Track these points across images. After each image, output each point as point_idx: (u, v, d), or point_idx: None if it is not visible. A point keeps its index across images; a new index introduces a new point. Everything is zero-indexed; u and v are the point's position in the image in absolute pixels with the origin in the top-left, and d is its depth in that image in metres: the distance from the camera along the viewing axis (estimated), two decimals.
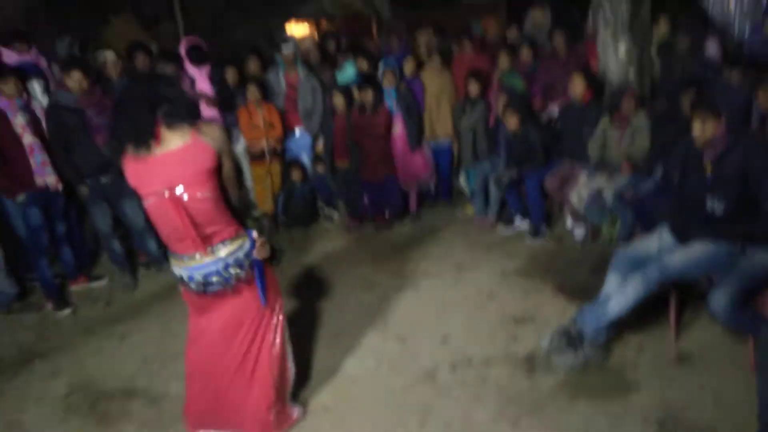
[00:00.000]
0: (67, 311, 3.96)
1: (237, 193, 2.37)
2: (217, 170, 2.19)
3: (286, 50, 5.10)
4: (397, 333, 3.34)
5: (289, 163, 5.20)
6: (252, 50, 5.36)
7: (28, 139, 3.74)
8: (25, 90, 3.83)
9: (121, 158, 2.18)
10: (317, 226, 5.27)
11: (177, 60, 4.56)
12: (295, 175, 5.15)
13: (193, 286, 2.29)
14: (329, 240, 4.96)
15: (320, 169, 5.28)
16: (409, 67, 5.18)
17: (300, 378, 2.93)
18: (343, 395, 2.83)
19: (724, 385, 2.58)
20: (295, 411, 2.63)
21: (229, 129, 4.91)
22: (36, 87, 4.03)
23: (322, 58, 5.50)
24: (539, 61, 5.14)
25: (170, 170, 2.12)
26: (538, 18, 6.11)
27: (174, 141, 2.12)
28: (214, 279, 2.25)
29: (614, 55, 4.57)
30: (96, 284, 4.31)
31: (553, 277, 3.79)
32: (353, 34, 7.49)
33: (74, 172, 3.90)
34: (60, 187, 3.91)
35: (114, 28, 8.14)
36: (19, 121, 3.70)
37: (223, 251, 2.23)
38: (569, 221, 4.47)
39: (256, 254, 2.30)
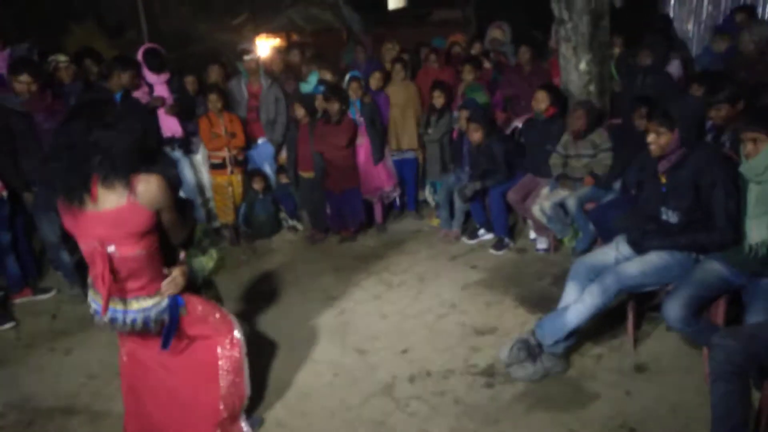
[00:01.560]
0: (8, 325, 3.74)
1: (183, 233, 2.25)
2: (155, 227, 2.09)
3: (249, 59, 5.03)
4: (356, 345, 3.25)
5: (251, 173, 5.10)
6: (213, 59, 5.27)
7: None
8: None
9: (55, 203, 2.09)
10: (280, 237, 5.17)
11: (135, 67, 4.44)
12: (257, 185, 5.04)
13: (96, 320, 2.20)
14: (291, 251, 4.86)
15: (283, 179, 5.19)
16: (375, 80, 5.17)
17: (255, 392, 2.83)
18: (298, 409, 2.72)
19: (681, 396, 2.57)
20: (245, 428, 2.50)
21: (189, 138, 4.80)
22: None
23: (285, 68, 5.45)
24: (501, 74, 5.20)
25: (103, 229, 2.02)
26: (496, 35, 6.27)
27: (109, 200, 1.99)
28: (118, 324, 2.17)
29: (575, 71, 4.64)
30: (42, 297, 4.10)
31: (515, 289, 3.77)
32: (322, 47, 7.48)
33: (20, 178, 3.72)
34: (4, 194, 3.73)
35: (75, 36, 7.95)
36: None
37: (135, 305, 2.15)
38: (532, 233, 4.48)
39: (164, 290, 2.17)
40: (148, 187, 2.01)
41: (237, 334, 2.41)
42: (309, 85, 5.35)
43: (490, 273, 4.07)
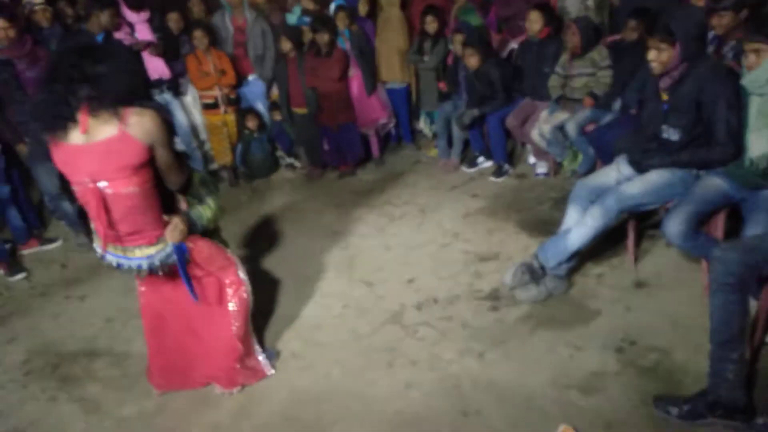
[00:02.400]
0: (20, 276, 3.81)
1: (180, 177, 2.19)
2: (149, 162, 2.01)
3: None
4: (362, 278, 3.33)
5: (244, 111, 5.00)
6: None
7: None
8: None
9: (44, 141, 2.00)
10: (278, 176, 5.15)
11: (114, 6, 4.23)
12: (251, 123, 4.96)
13: (105, 262, 2.22)
14: (291, 189, 4.87)
15: (277, 116, 5.11)
16: (362, 6, 4.96)
17: (268, 326, 2.93)
18: (311, 341, 2.83)
19: (680, 309, 2.67)
20: (262, 361, 2.60)
21: (177, 79, 4.67)
22: None
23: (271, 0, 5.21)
24: None
25: (94, 162, 1.94)
26: None
27: (99, 131, 1.92)
28: (124, 269, 2.21)
29: None
30: (48, 247, 4.14)
31: (516, 215, 3.81)
32: None
33: (10, 130, 3.65)
34: None
35: None
36: None
37: (138, 253, 2.16)
38: (531, 158, 4.47)
39: (168, 237, 2.16)
40: (141, 119, 1.94)
41: (241, 274, 2.46)
42: (294, 16, 5.14)
43: (491, 200, 4.10)
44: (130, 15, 4.34)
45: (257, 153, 5.04)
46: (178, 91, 4.71)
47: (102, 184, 1.98)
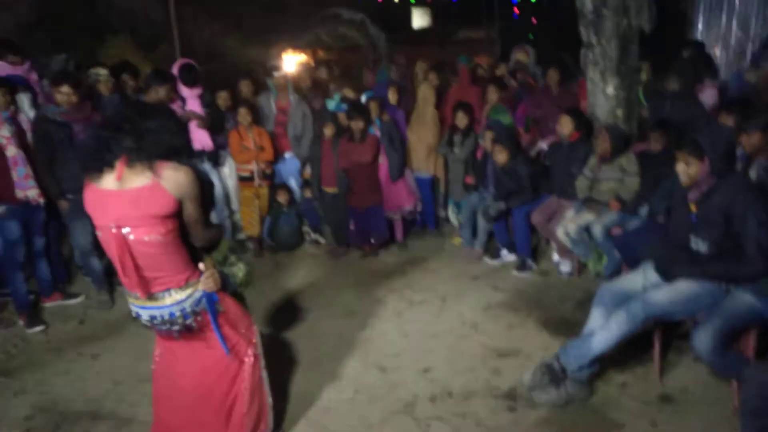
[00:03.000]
0: (38, 328, 3.84)
1: (205, 234, 2.21)
2: (176, 214, 2.07)
3: (278, 76, 5.14)
4: (377, 362, 3.26)
5: (276, 186, 5.18)
6: (245, 74, 5.39)
7: (11, 151, 3.69)
8: (13, 102, 3.79)
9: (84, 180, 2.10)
10: (302, 251, 5.22)
11: (171, 80, 4.55)
12: (282, 198, 5.12)
13: (142, 322, 2.22)
14: (314, 265, 4.90)
15: (308, 193, 5.26)
16: (392, 96, 5.24)
17: (278, 405, 2.85)
18: (320, 424, 2.74)
19: (708, 429, 2.53)
20: None
21: (218, 151, 4.90)
22: (24, 100, 4.00)
23: (313, 86, 5.55)
24: (526, 94, 5.24)
25: (121, 208, 2.01)
26: (521, 57, 6.34)
27: (132, 180, 2.01)
28: (158, 322, 2.17)
29: (603, 95, 4.65)
30: (70, 302, 4.19)
31: (537, 311, 3.75)
32: (348, 65, 7.60)
33: (55, 186, 3.84)
34: (41, 200, 3.84)
35: (111, 48, 8.20)
36: (3, 133, 3.66)
37: (168, 300, 2.14)
38: (555, 256, 4.46)
39: (202, 285, 2.18)
40: (176, 173, 2.02)
41: (258, 349, 2.43)
42: (333, 102, 5.45)
43: (513, 295, 4.06)
44: (183, 90, 4.65)
45: (285, 227, 5.15)
46: (217, 162, 4.93)
47: (125, 230, 2.02)
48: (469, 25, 14.45)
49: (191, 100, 4.71)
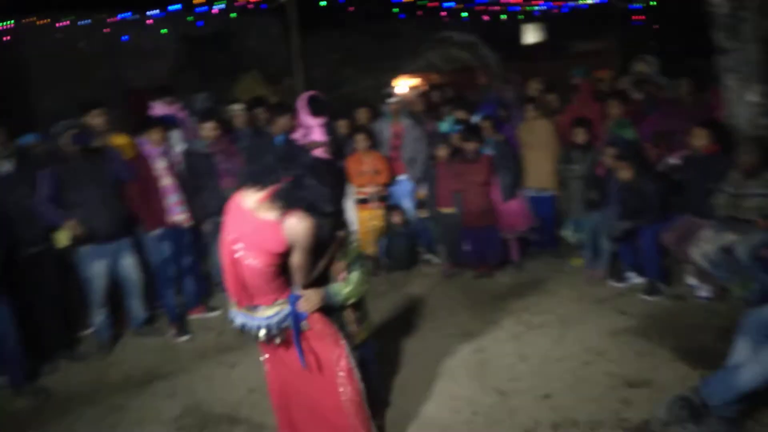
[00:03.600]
0: (185, 338, 4.29)
1: (305, 280, 2.38)
2: (283, 255, 2.27)
3: (392, 102, 5.34)
4: (495, 385, 3.21)
5: (391, 207, 5.35)
6: (362, 103, 5.67)
7: (166, 181, 4.21)
8: (166, 139, 4.34)
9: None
10: (417, 271, 5.31)
11: (290, 111, 4.91)
12: (397, 219, 5.27)
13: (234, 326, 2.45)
14: (428, 285, 4.96)
15: (422, 214, 5.36)
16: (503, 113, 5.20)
17: (391, 422, 2.92)
18: None
19: None
20: None
21: None
22: (175, 135, 4.56)
23: (426, 109, 5.69)
24: (654, 107, 4.92)
25: (244, 228, 2.26)
26: (641, 68, 5.97)
27: (265, 210, 2.25)
28: (246, 330, 2.40)
29: (742, 104, 4.25)
30: (211, 314, 4.64)
31: (671, 340, 3.47)
32: (460, 86, 7.66)
33: (201, 210, 4.30)
34: (190, 223, 4.33)
35: (242, 84, 9.04)
36: (159, 165, 4.20)
37: (259, 313, 2.36)
38: (691, 279, 4.10)
39: (299, 308, 2.37)
40: (298, 224, 2.20)
41: (351, 363, 2.48)
42: (446, 124, 5.53)
43: (642, 320, 3.79)
44: (309, 119, 5.01)
45: (400, 247, 5.28)
46: None
47: (238, 246, 2.27)
48: (584, 37, 13.87)
49: (316, 129, 5.04)
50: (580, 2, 13.28)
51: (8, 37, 8.42)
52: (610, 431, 2.70)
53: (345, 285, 2.58)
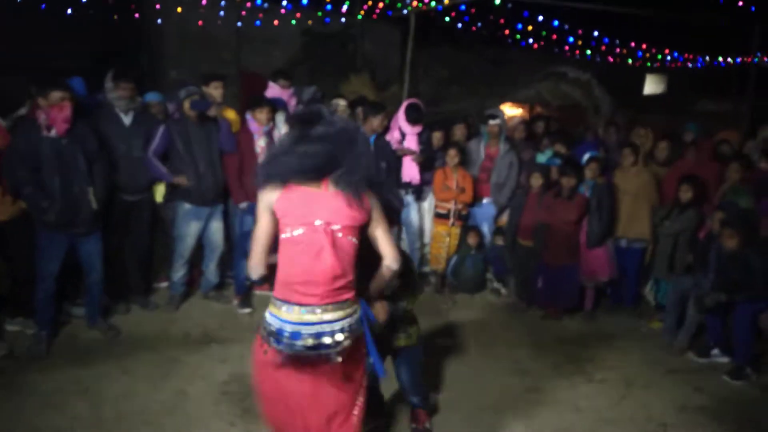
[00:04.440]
0: (247, 310, 4.46)
1: (394, 248, 2.25)
2: (364, 229, 2.17)
3: (492, 124, 5.26)
4: (540, 430, 3.04)
5: (468, 228, 5.26)
6: (461, 119, 5.64)
7: (262, 158, 4.41)
8: (272, 120, 4.56)
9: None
10: (482, 297, 5.17)
11: (382, 111, 4.92)
12: (472, 241, 5.16)
13: (290, 342, 2.08)
14: (491, 314, 4.81)
15: (499, 241, 5.22)
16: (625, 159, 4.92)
17: None
18: None
19: None
20: None
21: (422, 186, 5.18)
22: (280, 118, 4.76)
23: (526, 138, 5.56)
24: None
25: (332, 207, 2.10)
26: None
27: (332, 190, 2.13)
28: (326, 340, 2.07)
29: None
30: None
31: (751, 428, 3.12)
32: (566, 123, 7.42)
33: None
34: (244, 205, 4.45)
35: (351, 84, 9.32)
36: (260, 143, 4.41)
37: (341, 312, 2.10)
38: None
39: (376, 315, 2.27)
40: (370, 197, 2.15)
41: (362, 398, 2.33)
42: (544, 156, 5.36)
43: (719, 403, 3.44)
44: (406, 126, 5.05)
45: (470, 269, 5.17)
46: (420, 196, 5.21)
47: (335, 226, 2.09)
48: (711, 95, 12.95)
49: (410, 137, 5.07)
50: (717, 59, 12.37)
51: (151, 8, 9.26)
52: None
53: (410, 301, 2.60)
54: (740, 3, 8.07)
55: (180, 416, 3.03)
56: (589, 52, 10.99)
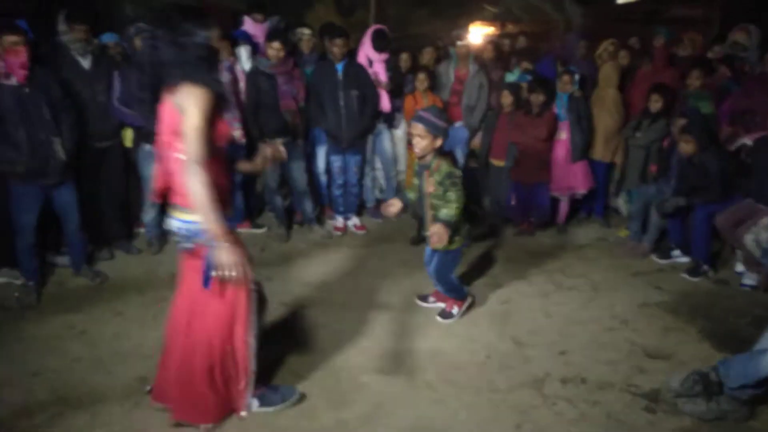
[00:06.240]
0: None
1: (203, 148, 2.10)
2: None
3: (460, 45, 5.21)
4: (514, 335, 3.28)
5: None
6: (429, 42, 5.55)
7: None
8: (233, 54, 4.45)
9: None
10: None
11: (344, 36, 4.77)
12: None
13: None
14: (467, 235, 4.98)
15: (472, 164, 5.32)
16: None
17: (410, 352, 3.06)
18: (447, 378, 2.88)
19: None
20: (248, 402, 2.48)
21: (394, 113, 5.18)
22: (243, 52, 4.64)
23: (495, 58, 5.52)
24: (737, 84, 4.58)
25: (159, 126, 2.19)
26: (739, 38, 5.46)
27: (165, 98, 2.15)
28: (172, 233, 2.27)
29: None
30: (256, 231, 4.88)
31: (703, 320, 3.41)
32: (536, 39, 7.35)
33: (258, 130, 4.44)
34: (244, 141, 4.49)
35: (316, 12, 9.01)
36: (221, 79, 4.32)
37: (176, 214, 2.22)
38: (739, 265, 3.95)
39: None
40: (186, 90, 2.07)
41: (244, 296, 2.36)
42: (513, 75, 5.36)
43: (677, 297, 3.72)
44: (372, 53, 4.96)
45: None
46: (392, 124, 5.23)
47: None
48: (682, 1, 12.76)
49: (377, 64, 5.00)
50: None
51: None
52: (619, 393, 2.73)
53: (449, 206, 3.00)
54: None
55: None
56: None
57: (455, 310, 3.43)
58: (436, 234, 2.98)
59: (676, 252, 4.26)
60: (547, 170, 4.80)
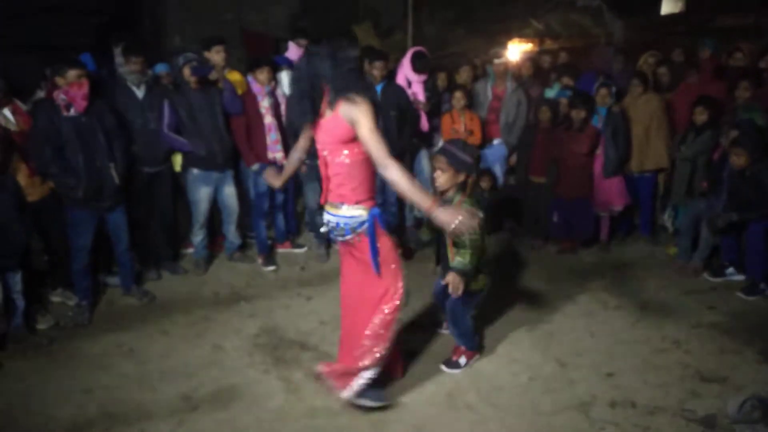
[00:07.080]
0: (271, 268, 4.64)
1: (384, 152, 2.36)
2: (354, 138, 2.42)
3: (497, 63, 5.20)
4: (558, 356, 3.19)
5: (481, 171, 5.28)
6: (466, 61, 5.57)
7: (268, 119, 4.48)
8: (274, 79, 4.58)
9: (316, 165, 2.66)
10: (498, 237, 5.26)
11: (384, 59, 4.88)
12: (485, 183, 5.21)
13: (328, 228, 2.63)
14: (508, 253, 4.91)
15: (511, 180, 5.26)
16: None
17: (448, 375, 3.02)
18: (488, 399, 2.82)
19: None
20: (357, 385, 2.64)
21: (432, 133, 5.20)
22: (284, 77, 4.78)
23: (534, 74, 5.48)
24: None
25: (322, 136, 2.50)
26: None
27: (326, 113, 2.46)
28: (331, 226, 2.59)
29: None
30: (297, 251, 4.96)
31: (761, 342, 3.22)
32: (576, 54, 7.25)
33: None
34: (285, 162, 4.58)
35: (355, 36, 9.18)
36: (264, 104, 4.46)
37: (343, 211, 2.54)
38: None
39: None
40: (353, 102, 2.36)
41: (401, 283, 2.62)
42: (553, 91, 5.30)
43: (732, 318, 3.54)
44: (411, 74, 5.01)
45: (481, 211, 5.23)
46: (430, 144, 5.24)
47: (324, 152, 2.52)
48: (731, 10, 12.33)
49: (416, 85, 5.05)
50: None
51: None
52: (671, 418, 2.61)
53: (462, 253, 2.78)
54: None
55: (218, 368, 3.25)
56: None
57: (462, 360, 3.12)
58: (451, 283, 2.70)
59: (730, 270, 4.06)
60: (589, 185, 4.70)
